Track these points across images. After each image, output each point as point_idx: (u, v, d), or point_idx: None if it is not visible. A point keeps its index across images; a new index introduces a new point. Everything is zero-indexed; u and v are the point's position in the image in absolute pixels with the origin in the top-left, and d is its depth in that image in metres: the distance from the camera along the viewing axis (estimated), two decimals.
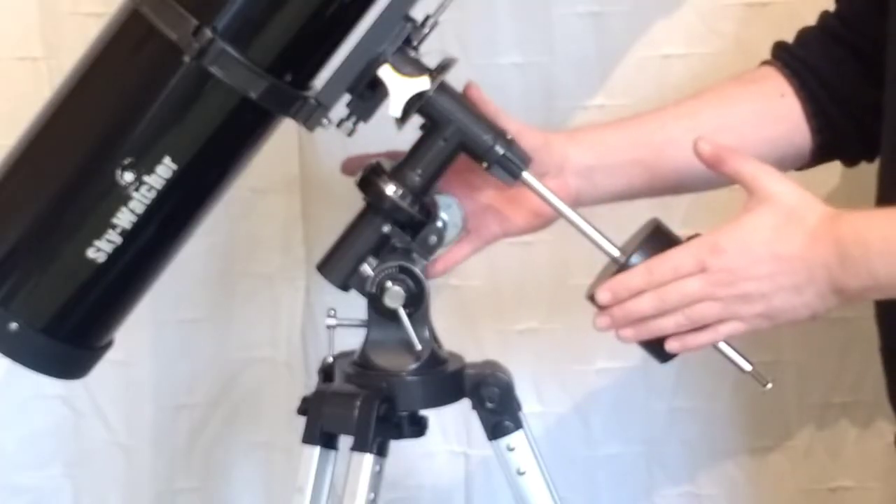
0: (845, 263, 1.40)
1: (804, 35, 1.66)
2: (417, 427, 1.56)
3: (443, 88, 1.49)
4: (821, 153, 1.65)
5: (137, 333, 1.89)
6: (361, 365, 1.54)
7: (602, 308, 1.46)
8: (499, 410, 1.54)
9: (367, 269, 1.51)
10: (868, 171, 1.63)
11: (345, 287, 1.52)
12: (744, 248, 1.42)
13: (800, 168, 1.66)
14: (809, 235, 1.42)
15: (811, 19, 1.67)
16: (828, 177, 1.84)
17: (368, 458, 1.49)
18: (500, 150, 1.49)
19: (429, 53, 1.52)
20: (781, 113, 1.63)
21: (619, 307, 1.45)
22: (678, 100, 1.67)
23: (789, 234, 1.42)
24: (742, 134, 1.60)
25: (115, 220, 1.46)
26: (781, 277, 1.42)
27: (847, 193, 1.85)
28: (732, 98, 1.64)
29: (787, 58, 1.64)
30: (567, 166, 1.59)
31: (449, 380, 1.55)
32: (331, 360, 1.56)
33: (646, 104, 1.74)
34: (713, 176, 1.50)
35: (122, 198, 1.45)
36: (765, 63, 1.66)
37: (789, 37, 1.67)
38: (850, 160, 1.68)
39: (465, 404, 1.56)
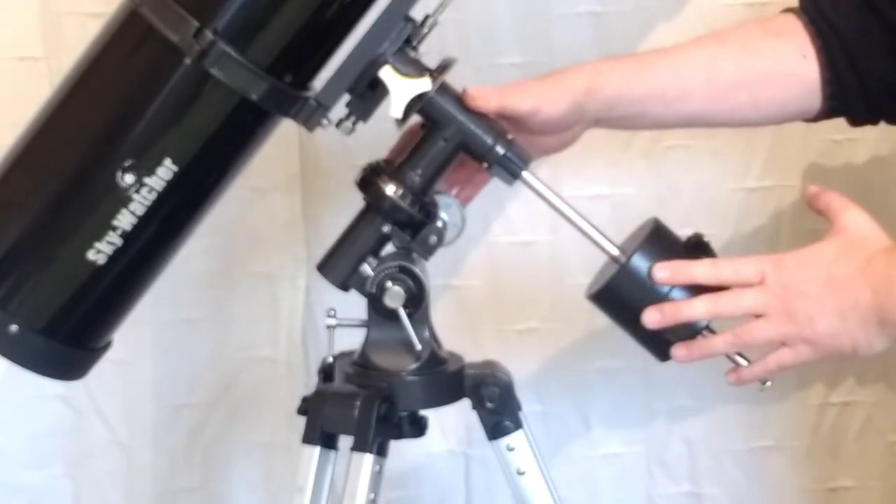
0: (892, 293, 1.41)
1: None
2: (417, 427, 1.56)
3: (443, 89, 1.49)
4: (826, 115, 1.64)
5: (137, 333, 1.89)
6: (361, 365, 1.53)
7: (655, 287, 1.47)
8: (499, 410, 1.54)
9: (367, 269, 1.51)
10: None
11: (345, 287, 1.52)
12: (802, 266, 1.45)
13: (808, 121, 1.65)
14: (864, 260, 1.43)
15: None
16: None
17: (368, 458, 1.48)
18: (500, 150, 1.49)
19: (429, 53, 1.52)
20: (799, 75, 1.60)
21: (671, 305, 1.46)
22: (701, 38, 1.63)
23: (848, 258, 1.44)
24: (756, 92, 1.59)
25: (115, 222, 1.46)
26: (829, 298, 1.43)
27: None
28: (755, 51, 1.60)
29: (814, 13, 1.61)
30: (581, 119, 1.57)
31: (449, 380, 1.55)
32: (331, 360, 1.56)
33: None
34: (712, 121, 1.59)
35: (123, 200, 1.45)
36: (790, 10, 1.63)
37: None
38: (854, 122, 1.67)
39: (465, 404, 1.56)
